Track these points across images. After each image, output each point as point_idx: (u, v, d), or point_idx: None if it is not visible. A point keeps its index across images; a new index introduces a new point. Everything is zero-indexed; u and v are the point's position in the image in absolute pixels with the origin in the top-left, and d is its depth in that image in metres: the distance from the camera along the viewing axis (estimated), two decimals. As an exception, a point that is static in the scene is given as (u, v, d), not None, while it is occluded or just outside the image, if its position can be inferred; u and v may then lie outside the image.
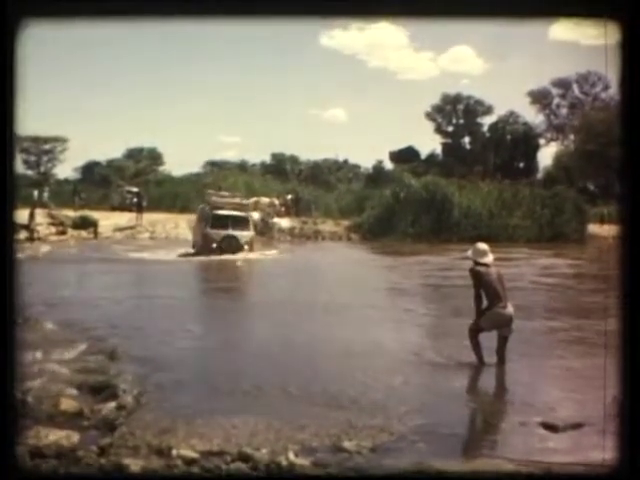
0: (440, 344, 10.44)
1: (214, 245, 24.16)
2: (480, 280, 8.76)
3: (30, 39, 1.62)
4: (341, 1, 1.70)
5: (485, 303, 8.80)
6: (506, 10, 1.69)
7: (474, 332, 8.92)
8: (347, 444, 5.98)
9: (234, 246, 24.30)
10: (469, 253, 9.06)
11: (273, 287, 17.49)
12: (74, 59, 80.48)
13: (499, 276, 8.92)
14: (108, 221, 33.88)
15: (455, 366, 9.01)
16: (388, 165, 66.08)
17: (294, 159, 69.43)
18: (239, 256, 23.95)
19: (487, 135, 65.37)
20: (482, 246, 9.07)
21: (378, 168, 65.87)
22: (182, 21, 1.70)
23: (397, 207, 34.18)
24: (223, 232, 24.45)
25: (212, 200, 25.79)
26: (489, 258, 8.95)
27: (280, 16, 1.68)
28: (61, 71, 76.77)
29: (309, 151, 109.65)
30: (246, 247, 24.65)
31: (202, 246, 24.51)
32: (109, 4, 1.65)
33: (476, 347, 8.93)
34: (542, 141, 65.53)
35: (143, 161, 68.28)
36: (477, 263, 8.90)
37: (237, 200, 26.68)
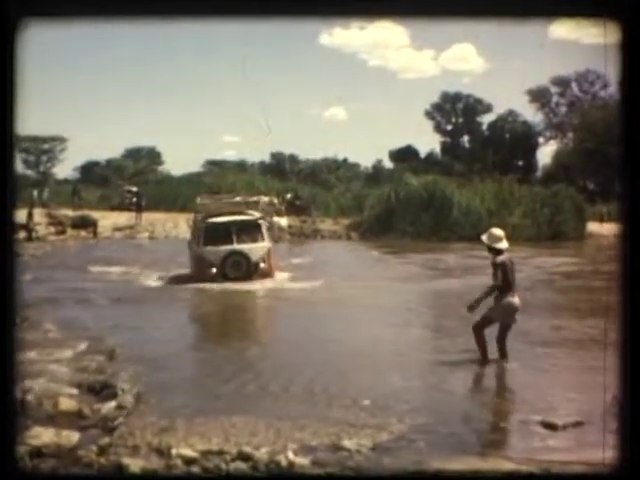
0: (440, 342, 10.44)
1: (213, 270, 16.56)
2: (505, 271, 8.66)
3: (30, 39, 1.62)
4: (343, 1, 1.70)
5: (496, 293, 8.76)
6: (506, 10, 1.69)
7: (481, 327, 8.84)
8: (347, 443, 5.98)
9: (244, 267, 16.63)
10: (484, 238, 8.92)
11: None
12: (73, 59, 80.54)
13: (512, 264, 8.88)
14: (107, 220, 33.87)
15: (455, 364, 8.99)
16: (388, 164, 66.22)
17: (293, 158, 69.47)
18: (255, 286, 16.51)
19: (486, 134, 65.42)
20: (497, 231, 8.96)
21: (377, 167, 65.93)
22: (182, 21, 1.70)
23: (396, 206, 34.14)
24: (224, 248, 16.68)
25: (205, 205, 18.28)
26: (504, 244, 8.86)
27: (281, 16, 1.68)
28: (60, 71, 76.78)
29: (309, 150, 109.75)
30: (262, 265, 16.83)
31: (197, 272, 17.10)
32: (109, 4, 1.65)
33: (481, 342, 8.85)
34: (541, 140, 65.70)
35: (142, 161, 68.35)
36: (491, 248, 8.81)
37: (239, 199, 19.23)
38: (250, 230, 17.13)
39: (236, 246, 16.72)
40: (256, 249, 16.84)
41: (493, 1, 1.71)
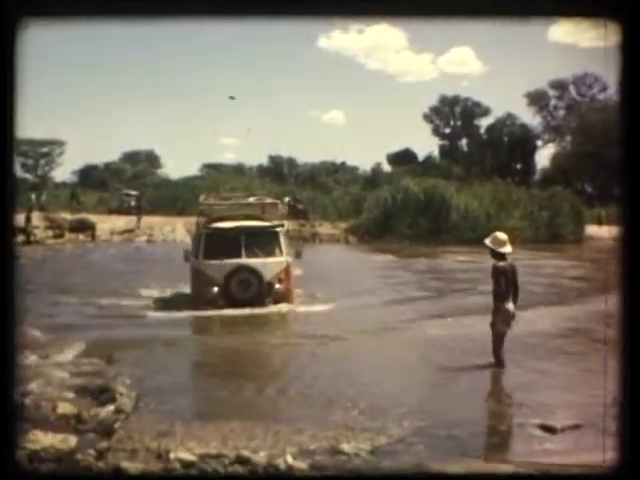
0: (439, 346, 10.43)
1: (214, 290, 12.95)
2: (506, 278, 8.61)
3: (30, 39, 1.62)
4: (343, 1, 1.70)
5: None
6: (506, 10, 1.69)
7: (499, 346, 8.79)
8: (345, 446, 5.97)
9: (254, 288, 13.01)
10: (488, 241, 8.80)
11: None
12: (72, 62, 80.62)
13: (514, 270, 8.78)
14: (106, 224, 33.86)
15: (453, 368, 8.99)
16: (386, 167, 66.32)
17: (292, 161, 69.50)
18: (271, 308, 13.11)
19: (485, 137, 65.51)
20: (501, 235, 8.85)
21: (376, 170, 65.97)
22: (182, 21, 1.70)
23: (395, 209, 34.18)
24: (229, 262, 13.08)
25: (208, 207, 14.68)
26: (508, 248, 8.76)
27: (280, 16, 1.68)
28: (59, 74, 76.75)
29: (307, 153, 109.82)
30: (278, 286, 13.20)
31: (195, 291, 13.61)
32: (109, 4, 1.65)
33: (499, 354, 8.81)
34: (539, 142, 65.79)
35: (140, 164, 68.38)
36: (495, 252, 8.73)
37: (253, 199, 15.51)
38: (264, 240, 13.43)
39: (245, 260, 13.08)
40: (271, 265, 13.18)
41: (493, 1, 1.71)
